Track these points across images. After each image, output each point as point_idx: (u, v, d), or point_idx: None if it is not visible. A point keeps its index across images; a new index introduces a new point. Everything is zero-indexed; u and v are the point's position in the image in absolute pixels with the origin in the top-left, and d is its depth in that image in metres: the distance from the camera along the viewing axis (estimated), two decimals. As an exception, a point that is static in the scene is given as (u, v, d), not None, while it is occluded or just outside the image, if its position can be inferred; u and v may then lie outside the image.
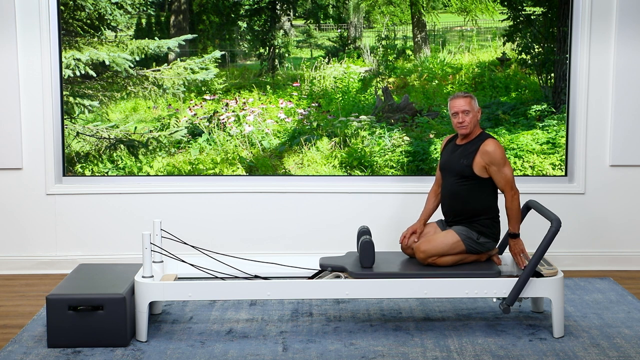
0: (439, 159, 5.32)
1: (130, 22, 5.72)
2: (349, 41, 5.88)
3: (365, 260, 4.40)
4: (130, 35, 5.72)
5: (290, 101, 5.82)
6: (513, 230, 4.46)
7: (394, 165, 5.80)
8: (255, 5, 5.82)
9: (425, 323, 4.56)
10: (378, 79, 5.84)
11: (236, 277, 4.52)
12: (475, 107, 4.51)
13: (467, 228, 4.47)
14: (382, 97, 5.83)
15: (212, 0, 5.77)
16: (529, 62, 5.77)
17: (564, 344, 4.24)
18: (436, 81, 5.83)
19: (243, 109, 5.81)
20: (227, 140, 5.80)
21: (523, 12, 5.75)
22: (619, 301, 4.97)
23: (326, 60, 5.86)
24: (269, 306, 4.87)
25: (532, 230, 5.09)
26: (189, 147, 5.79)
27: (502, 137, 5.74)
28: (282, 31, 5.87)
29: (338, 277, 4.43)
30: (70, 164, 5.73)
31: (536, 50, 5.77)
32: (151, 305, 4.60)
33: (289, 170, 5.82)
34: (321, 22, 5.91)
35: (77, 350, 4.15)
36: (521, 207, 4.75)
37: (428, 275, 4.34)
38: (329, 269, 4.47)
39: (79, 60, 5.65)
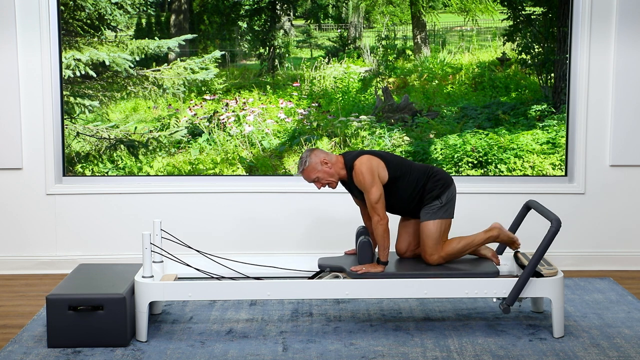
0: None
1: (130, 22, 5.72)
2: (349, 41, 5.88)
3: (363, 261, 4.39)
4: (130, 35, 5.72)
5: (290, 101, 5.82)
6: (380, 257, 4.36)
7: (394, 165, 5.80)
8: (255, 5, 5.82)
9: (425, 323, 4.56)
10: (378, 79, 5.84)
11: (236, 278, 4.53)
12: (315, 169, 4.42)
13: (426, 207, 4.45)
14: (382, 97, 5.83)
15: (212, 0, 5.77)
16: (529, 62, 5.77)
17: (564, 344, 4.23)
18: (436, 81, 5.83)
19: (243, 109, 5.80)
20: (227, 140, 5.80)
21: (523, 12, 5.75)
22: (619, 301, 4.97)
23: (326, 60, 5.86)
24: (269, 306, 4.87)
25: (532, 230, 5.09)
26: (189, 147, 5.79)
27: (502, 137, 5.74)
28: (282, 31, 5.87)
29: (337, 277, 4.43)
30: (71, 164, 5.73)
31: (536, 50, 5.77)
32: (151, 305, 4.60)
33: (289, 170, 5.81)
34: (321, 22, 5.91)
35: (77, 350, 4.15)
36: (521, 207, 4.77)
37: (428, 275, 4.34)
38: (327, 269, 4.47)
39: (79, 60, 5.65)
